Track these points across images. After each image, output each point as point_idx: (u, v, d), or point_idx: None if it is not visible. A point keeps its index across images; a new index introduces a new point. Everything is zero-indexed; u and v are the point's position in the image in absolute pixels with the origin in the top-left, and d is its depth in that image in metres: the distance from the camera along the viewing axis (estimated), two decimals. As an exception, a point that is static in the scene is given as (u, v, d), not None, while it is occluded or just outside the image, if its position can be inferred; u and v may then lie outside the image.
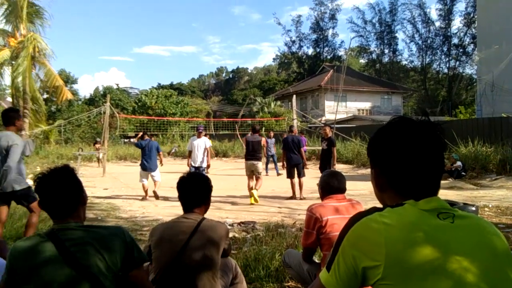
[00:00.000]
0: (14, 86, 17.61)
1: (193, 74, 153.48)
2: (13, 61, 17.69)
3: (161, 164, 9.77)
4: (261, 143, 8.58)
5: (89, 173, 15.03)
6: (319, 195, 2.97)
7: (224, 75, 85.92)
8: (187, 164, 9.33)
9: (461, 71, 43.67)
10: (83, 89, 61.18)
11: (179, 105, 39.44)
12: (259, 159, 8.70)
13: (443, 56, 44.25)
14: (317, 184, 3.04)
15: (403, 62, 48.35)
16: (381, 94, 36.85)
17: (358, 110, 35.17)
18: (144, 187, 9.04)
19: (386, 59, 48.78)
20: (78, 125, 30.72)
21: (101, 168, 15.46)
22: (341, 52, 51.11)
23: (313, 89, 35.93)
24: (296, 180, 8.78)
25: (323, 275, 1.10)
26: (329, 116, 31.12)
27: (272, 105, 33.76)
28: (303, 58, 53.28)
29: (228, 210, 7.49)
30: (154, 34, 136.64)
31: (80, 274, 1.59)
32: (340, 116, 28.45)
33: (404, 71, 47.65)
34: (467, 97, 41.28)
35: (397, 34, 49.37)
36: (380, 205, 1.17)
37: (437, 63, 45.38)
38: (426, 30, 44.20)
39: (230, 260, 2.73)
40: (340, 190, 2.83)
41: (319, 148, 13.13)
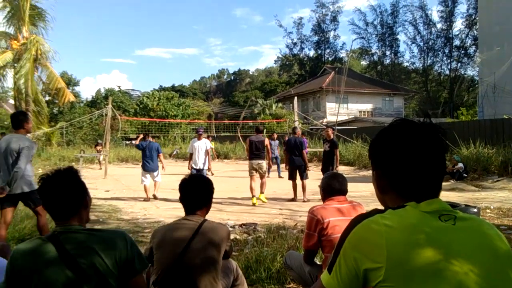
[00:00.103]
0: (17, 88, 17.70)
1: (195, 76, 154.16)
2: (16, 64, 17.79)
3: (163, 169, 9.76)
4: (264, 143, 8.58)
5: (91, 175, 15.04)
6: (321, 197, 2.97)
7: (226, 77, 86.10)
8: (188, 167, 9.36)
9: (463, 73, 43.68)
10: (85, 91, 61.44)
11: (181, 107, 39.54)
12: (263, 158, 8.71)
13: (445, 58, 44.22)
14: (319, 186, 3.04)
15: (405, 64, 48.32)
16: (383, 96, 36.78)
17: (360, 112, 35.11)
18: (146, 188, 9.07)
19: (388, 61, 48.73)
20: (80, 127, 30.76)
21: (103, 170, 15.49)
22: (343, 54, 51.23)
23: (315, 91, 35.89)
24: (298, 182, 8.79)
25: (325, 277, 1.10)
26: (331, 118, 31.09)
27: (274, 107, 33.73)
28: (305, 60, 53.29)
29: (230, 212, 7.49)
30: (156, 37, 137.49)
31: (80, 278, 1.59)
32: (342, 118, 28.46)
33: (406, 73, 47.57)
34: (469, 99, 41.17)
35: (399, 36, 49.24)
36: (382, 207, 1.17)
37: (439, 65, 45.43)
38: (428, 32, 44.20)
39: (231, 262, 2.73)
40: (342, 192, 2.84)
41: (321, 150, 13.14)
